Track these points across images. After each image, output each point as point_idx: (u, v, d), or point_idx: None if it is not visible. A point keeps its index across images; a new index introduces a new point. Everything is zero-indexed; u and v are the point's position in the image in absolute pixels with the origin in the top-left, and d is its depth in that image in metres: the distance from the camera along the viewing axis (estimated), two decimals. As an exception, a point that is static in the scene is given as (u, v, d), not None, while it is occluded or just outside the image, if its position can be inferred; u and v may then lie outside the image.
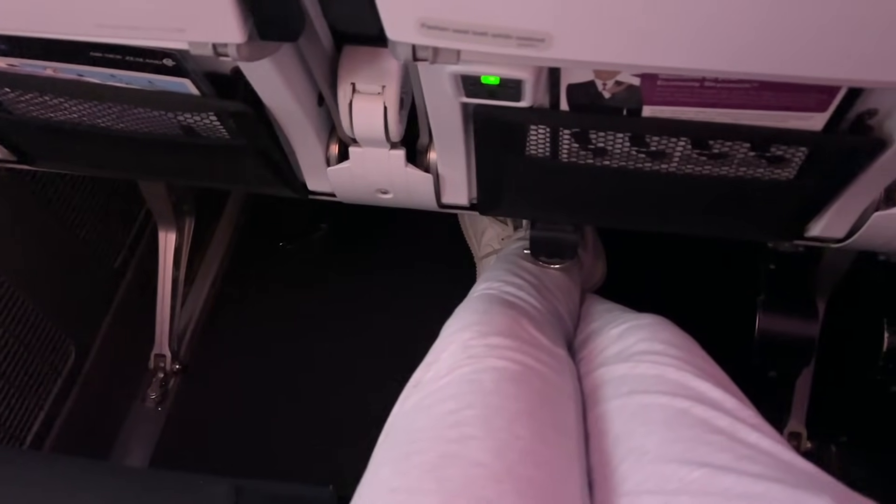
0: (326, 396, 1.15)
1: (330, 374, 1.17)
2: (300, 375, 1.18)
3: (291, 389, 1.17)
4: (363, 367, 1.14)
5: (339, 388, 1.15)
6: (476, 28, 0.40)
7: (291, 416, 1.15)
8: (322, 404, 1.14)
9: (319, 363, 1.19)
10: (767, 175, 0.60)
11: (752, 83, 0.49)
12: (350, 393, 1.12)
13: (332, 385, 1.16)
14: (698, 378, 0.56)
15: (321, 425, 1.11)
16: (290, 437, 1.12)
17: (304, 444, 1.10)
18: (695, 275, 1.23)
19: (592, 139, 0.59)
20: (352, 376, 1.15)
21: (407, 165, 0.67)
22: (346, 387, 1.14)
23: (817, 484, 0.45)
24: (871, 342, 0.90)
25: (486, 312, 0.63)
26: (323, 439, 1.09)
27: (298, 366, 1.19)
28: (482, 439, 0.48)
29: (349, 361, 1.17)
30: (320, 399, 1.15)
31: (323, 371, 1.18)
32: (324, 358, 1.19)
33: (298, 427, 1.13)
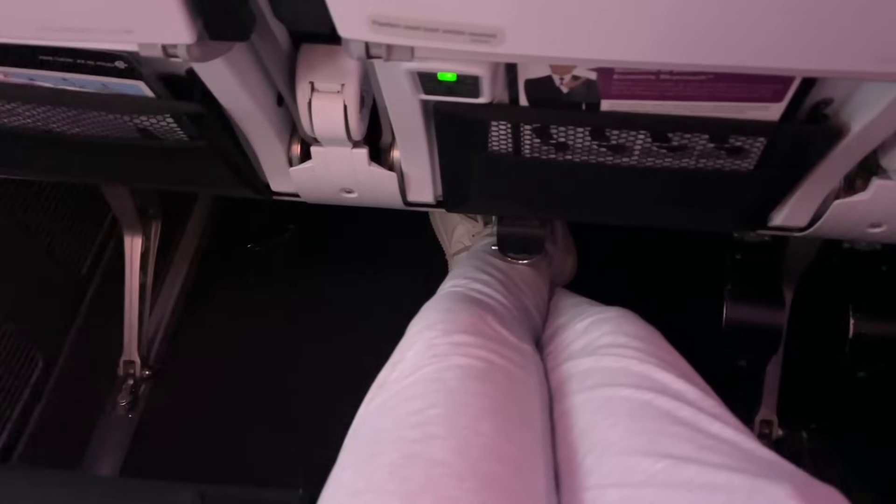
0: (299, 399, 1.14)
1: (301, 375, 1.17)
2: (271, 378, 1.17)
3: (263, 392, 1.16)
4: (335, 368, 1.14)
5: (311, 389, 1.14)
6: (427, 24, 0.40)
7: (264, 419, 1.14)
8: (294, 407, 1.13)
9: (291, 365, 1.18)
10: (728, 166, 0.60)
11: (707, 75, 0.49)
12: (323, 394, 1.11)
13: (304, 387, 1.15)
14: (661, 370, 0.56)
15: (294, 428, 1.10)
16: (262, 440, 1.11)
17: (277, 447, 1.10)
18: (665, 266, 1.23)
19: (553, 134, 0.59)
20: (324, 378, 1.14)
21: (370, 164, 0.66)
22: (319, 388, 1.13)
23: (778, 472, 0.46)
24: (838, 329, 0.91)
25: (450, 310, 0.63)
26: (296, 442, 1.08)
27: (269, 368, 1.18)
28: (445, 438, 0.48)
29: (321, 363, 1.16)
30: (293, 402, 1.14)
31: (294, 373, 1.17)
32: (295, 360, 1.18)
33: (271, 430, 1.12)
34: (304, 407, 1.12)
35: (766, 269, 0.92)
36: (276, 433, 1.11)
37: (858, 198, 0.63)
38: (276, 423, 1.13)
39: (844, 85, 0.52)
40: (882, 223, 0.66)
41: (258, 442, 1.12)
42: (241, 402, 1.16)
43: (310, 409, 1.10)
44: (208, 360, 1.21)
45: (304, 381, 1.16)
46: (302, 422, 1.10)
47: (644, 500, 0.46)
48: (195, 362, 1.21)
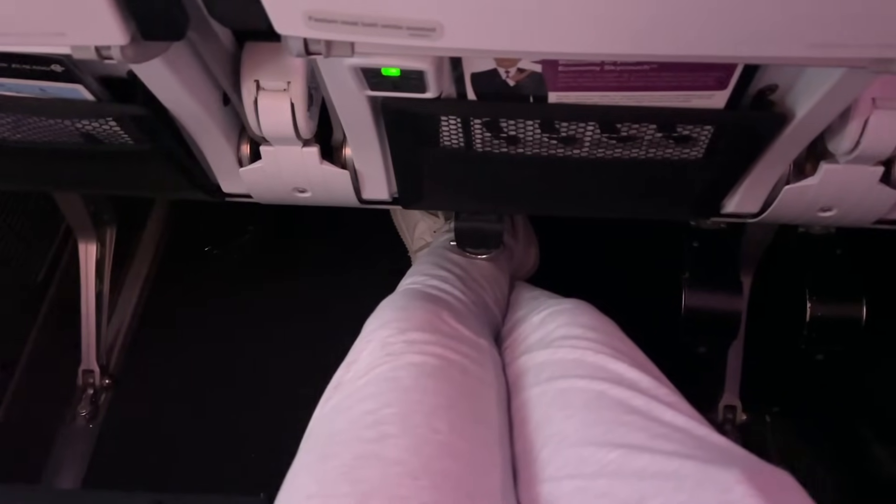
0: (262, 403, 1.12)
1: (265, 380, 1.15)
2: (234, 383, 1.16)
3: (226, 398, 1.14)
4: (300, 371, 1.12)
5: (274, 394, 1.12)
6: (365, 19, 0.40)
7: (227, 425, 1.12)
8: (258, 411, 1.12)
9: (254, 370, 1.17)
10: (677, 155, 0.60)
11: (650, 65, 0.49)
12: (286, 398, 1.10)
13: (268, 391, 1.14)
14: (615, 359, 0.56)
15: (257, 433, 1.09)
16: (225, 446, 1.10)
17: (240, 453, 1.08)
18: (629, 255, 1.24)
19: (504, 128, 0.59)
20: (288, 382, 1.12)
21: (322, 162, 0.65)
22: (283, 393, 1.11)
23: (729, 457, 0.46)
24: (796, 313, 0.92)
25: (405, 308, 0.62)
26: (258, 448, 1.07)
27: (232, 374, 1.17)
28: (399, 437, 0.47)
29: (285, 367, 1.15)
30: (256, 406, 1.13)
31: (258, 378, 1.16)
32: (258, 364, 1.17)
33: (233, 436, 1.10)
34: (267, 411, 1.10)
35: (723, 256, 0.93)
36: (239, 439, 1.10)
37: (807, 182, 0.64)
38: (239, 429, 1.11)
39: (788, 71, 0.53)
40: (832, 207, 0.67)
41: (221, 448, 1.10)
42: (204, 410, 1.14)
43: (273, 414, 1.09)
44: (169, 366, 1.19)
45: (268, 386, 1.14)
46: (265, 427, 1.09)
47: (597, 491, 0.46)
48: (156, 369, 1.19)
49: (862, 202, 0.66)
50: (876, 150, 0.58)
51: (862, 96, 0.55)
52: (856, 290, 0.90)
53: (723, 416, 1.12)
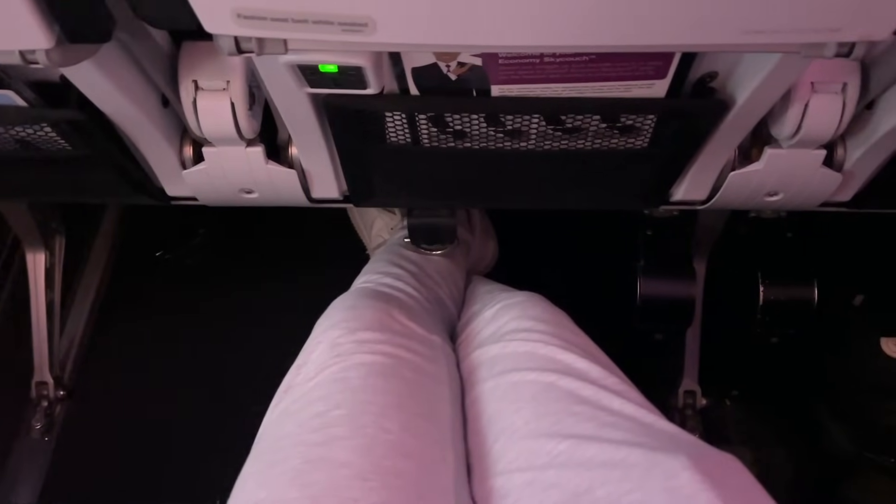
0: (219, 411, 1.11)
1: (221, 387, 1.13)
2: (191, 391, 1.14)
3: (183, 406, 1.13)
4: (256, 377, 1.11)
5: (231, 401, 1.10)
6: (295, 16, 0.39)
7: (186, 434, 1.10)
8: (215, 419, 1.10)
9: (211, 377, 1.15)
10: (623, 145, 0.61)
11: (588, 56, 0.49)
12: (243, 406, 1.08)
13: (224, 399, 1.12)
14: (565, 350, 0.56)
15: (214, 441, 1.07)
16: (184, 456, 1.08)
17: (197, 462, 1.06)
18: (588, 246, 1.24)
19: (449, 122, 0.58)
20: (244, 388, 1.10)
21: (268, 162, 0.64)
22: (239, 400, 1.09)
23: (676, 444, 0.46)
24: (750, 297, 0.93)
25: (354, 308, 0.62)
26: (216, 456, 1.05)
27: (189, 381, 1.15)
28: (348, 438, 0.47)
29: (240, 372, 1.13)
30: (212, 414, 1.11)
31: (213, 384, 1.14)
32: (216, 371, 1.15)
33: (190, 444, 1.09)
34: (224, 419, 1.09)
35: (676, 244, 0.94)
36: (199, 447, 1.08)
37: (753, 168, 0.65)
38: (198, 437, 1.09)
39: (727, 58, 0.53)
40: (778, 191, 0.68)
41: (177, 457, 1.08)
42: (162, 418, 1.12)
43: (231, 422, 1.07)
44: (126, 375, 1.16)
45: (224, 393, 1.12)
46: (223, 434, 1.07)
47: (547, 482, 0.46)
48: (112, 379, 1.16)
49: (807, 185, 0.67)
50: (817, 133, 0.59)
51: (801, 81, 0.56)
52: (807, 273, 0.91)
53: (683, 402, 1.13)
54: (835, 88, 0.56)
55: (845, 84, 0.56)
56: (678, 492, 0.41)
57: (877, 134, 0.61)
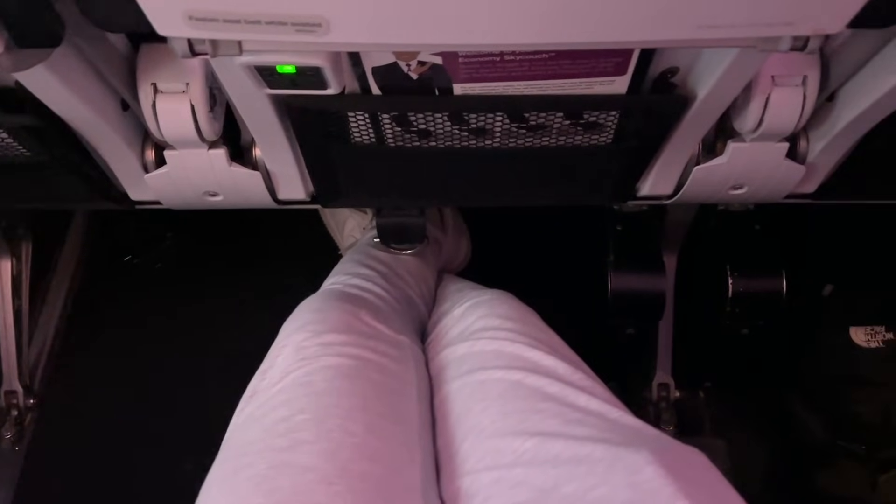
0: (192, 417, 1.09)
1: (195, 393, 1.12)
2: (164, 397, 1.13)
3: (156, 413, 1.11)
4: (230, 382, 1.10)
5: (205, 407, 1.09)
6: (248, 17, 0.38)
7: (157, 442, 1.09)
8: (187, 425, 1.09)
9: (184, 383, 1.14)
10: (587, 142, 0.61)
11: (548, 53, 0.49)
12: (219, 411, 1.07)
13: (197, 405, 1.10)
14: (532, 348, 0.56)
15: (187, 448, 1.06)
16: (157, 463, 1.07)
17: (170, 469, 1.05)
18: (562, 242, 1.25)
19: (413, 121, 0.58)
20: (217, 393, 1.10)
21: (231, 164, 0.64)
22: (212, 405, 1.09)
23: (640, 439, 0.47)
24: (719, 289, 0.94)
25: (320, 310, 0.61)
26: (189, 463, 1.05)
27: (161, 387, 1.14)
28: (314, 443, 0.47)
29: (214, 377, 1.12)
30: (185, 420, 1.10)
31: (185, 390, 1.13)
32: (187, 376, 1.14)
33: (163, 451, 1.08)
34: (197, 425, 1.08)
35: (645, 238, 0.94)
36: (169, 454, 1.07)
37: (717, 162, 0.65)
38: (168, 444, 1.08)
39: (686, 53, 0.53)
40: (742, 184, 0.68)
41: (150, 464, 1.07)
42: (134, 425, 1.11)
43: (204, 428, 1.06)
44: (96, 383, 1.15)
45: (197, 398, 1.11)
46: (195, 441, 1.06)
47: (514, 480, 0.46)
48: (83, 387, 1.15)
49: (771, 178, 0.67)
50: (779, 126, 0.59)
51: (762, 74, 0.56)
52: (775, 264, 0.92)
53: (657, 394, 1.14)
54: (795, 81, 0.57)
55: (805, 77, 0.57)
56: (642, 486, 0.41)
57: (838, 125, 0.62)
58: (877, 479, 1.09)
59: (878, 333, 1.07)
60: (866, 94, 0.57)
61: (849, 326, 1.06)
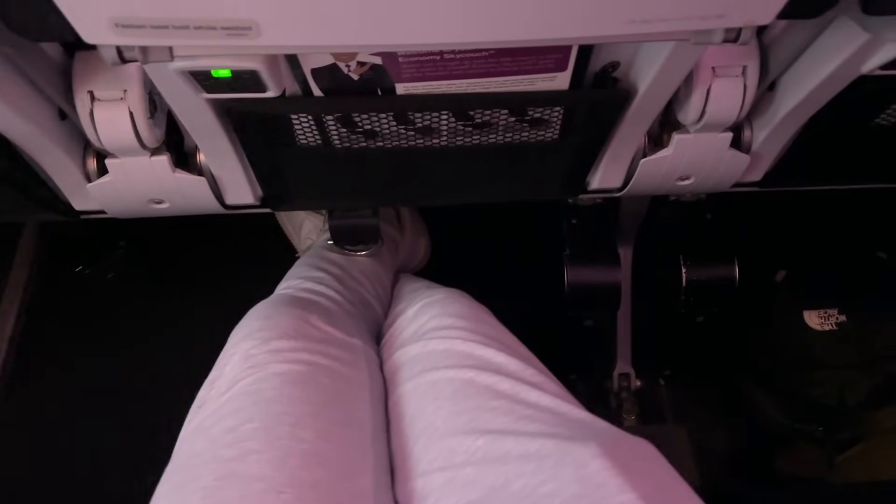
0: (148, 427, 1.07)
1: (152, 401, 1.10)
2: (120, 407, 1.11)
3: (115, 423, 1.09)
4: (186, 389, 1.09)
5: (163, 415, 1.08)
6: (175, 22, 0.38)
7: (112, 456, 1.07)
8: (142, 439, 1.07)
9: (140, 391, 1.12)
10: (534, 138, 0.61)
11: (488, 51, 0.49)
12: (176, 419, 1.06)
13: (157, 413, 1.08)
14: (484, 346, 0.56)
15: (144, 456, 1.04)
16: (115, 471, 1.05)
17: (131, 477, 1.03)
18: (522, 237, 1.25)
19: (358, 122, 0.58)
20: (175, 400, 1.08)
21: (175, 171, 0.63)
22: (171, 414, 1.07)
23: (589, 432, 0.47)
24: (674, 279, 0.95)
25: (269, 316, 0.61)
26: (147, 472, 1.03)
27: (118, 396, 1.12)
28: (262, 451, 0.46)
29: (170, 385, 1.10)
30: (140, 434, 1.08)
31: (144, 399, 1.11)
32: (144, 385, 1.12)
33: (120, 461, 1.06)
34: (159, 435, 1.06)
35: (600, 231, 0.95)
36: (125, 468, 1.05)
37: (662, 154, 0.66)
38: (126, 452, 1.06)
39: (626, 48, 0.54)
40: (689, 175, 0.69)
41: (104, 480, 1.05)
42: (93, 437, 1.09)
43: (158, 441, 1.05)
44: (52, 399, 1.13)
45: (154, 407, 1.09)
46: (153, 450, 1.04)
47: (465, 480, 0.46)
48: (38, 403, 1.12)
49: (716, 168, 0.68)
50: (721, 116, 0.60)
51: (702, 66, 0.57)
52: (727, 252, 0.93)
53: (618, 384, 1.15)
54: (735, 72, 0.57)
55: (745, 67, 0.57)
56: (589, 480, 0.42)
57: (780, 114, 0.63)
58: (834, 459, 1.11)
59: (831, 316, 1.09)
60: (805, 82, 0.58)
61: (802, 310, 1.07)
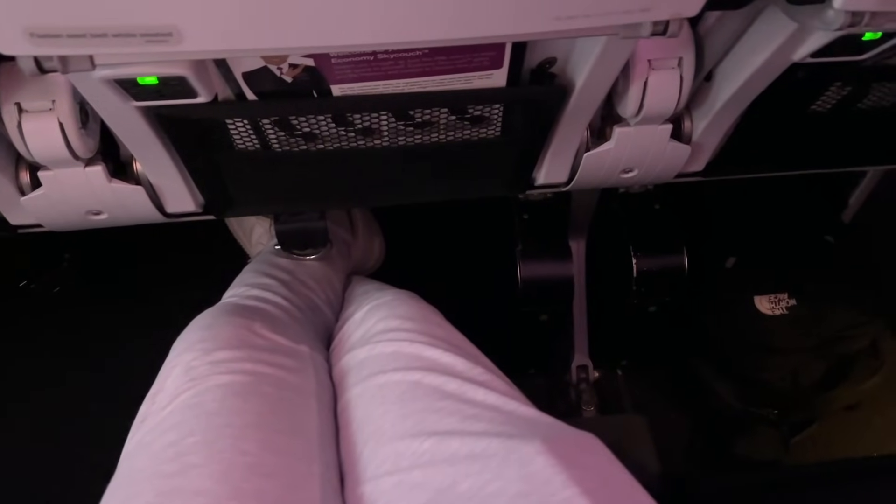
0: (97, 446, 1.05)
1: (101, 417, 1.08)
2: (66, 424, 1.08)
3: (61, 439, 1.07)
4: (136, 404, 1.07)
5: (111, 430, 1.06)
6: (93, 30, 0.37)
7: (58, 474, 1.04)
8: (92, 456, 1.04)
9: (88, 407, 1.09)
10: (476, 136, 0.61)
11: (421, 50, 0.49)
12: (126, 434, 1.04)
13: (105, 428, 1.06)
14: (431, 346, 0.56)
15: (95, 479, 1.02)
16: (65, 487, 1.03)
17: (84, 498, 1.01)
18: (481, 236, 1.25)
19: (296, 125, 0.57)
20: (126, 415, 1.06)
21: (111, 181, 0.61)
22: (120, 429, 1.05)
23: (533, 429, 0.47)
24: (625, 270, 0.95)
25: (210, 327, 0.59)
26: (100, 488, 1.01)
27: (64, 413, 1.09)
28: (204, 465, 0.45)
29: (120, 400, 1.08)
30: (90, 451, 1.05)
31: (93, 415, 1.08)
32: (93, 401, 1.09)
33: (71, 480, 1.03)
34: (101, 455, 1.04)
35: (551, 226, 0.96)
36: (71, 482, 1.03)
37: (605, 147, 0.66)
38: (71, 476, 1.04)
39: (562, 44, 0.54)
40: (633, 167, 0.70)
41: (57, 489, 1.03)
42: (38, 452, 1.06)
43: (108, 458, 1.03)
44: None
45: (102, 422, 1.07)
46: (101, 472, 1.02)
47: (412, 483, 0.46)
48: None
49: (658, 159, 0.68)
50: (659, 109, 0.60)
51: (638, 59, 0.57)
52: (676, 241, 0.94)
53: (577, 377, 1.16)
54: (671, 64, 0.58)
55: (681, 59, 0.58)
56: (534, 477, 0.42)
57: (717, 104, 0.64)
58: (789, 441, 1.13)
59: (781, 300, 1.11)
60: (740, 71, 0.59)
61: (753, 296, 1.09)
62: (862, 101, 0.66)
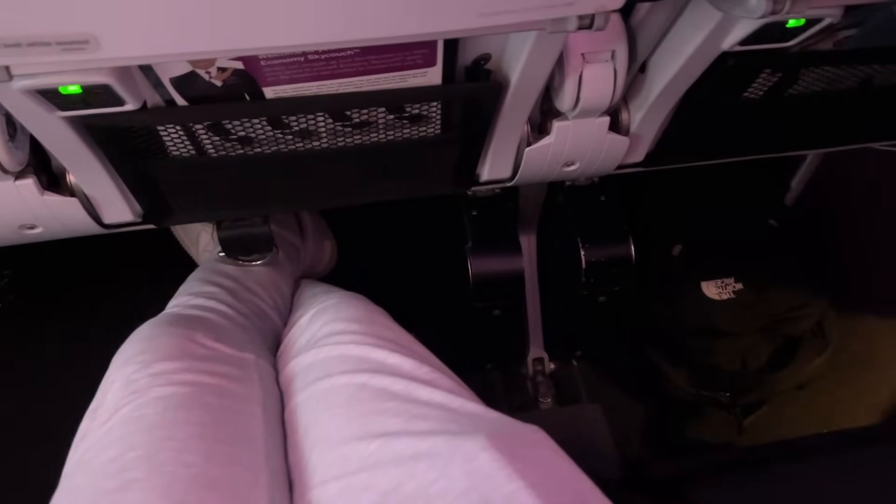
0: (37, 470, 1.02)
1: (45, 436, 1.04)
2: (11, 443, 1.05)
3: (12, 459, 1.04)
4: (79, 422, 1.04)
5: (53, 450, 1.03)
6: (5, 40, 0.36)
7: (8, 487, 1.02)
8: (34, 478, 1.02)
9: (32, 426, 1.06)
10: (416, 134, 0.61)
11: (352, 50, 0.48)
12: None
13: (47, 449, 1.03)
14: (378, 348, 0.56)
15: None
16: None
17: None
18: (432, 234, 1.25)
19: (231, 129, 0.56)
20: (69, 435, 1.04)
21: (44, 194, 0.60)
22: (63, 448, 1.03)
23: (479, 425, 0.47)
24: (575, 262, 0.96)
25: (150, 338, 0.58)
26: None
27: (8, 431, 1.06)
28: (146, 480, 0.44)
29: (64, 419, 1.06)
30: (32, 474, 1.02)
31: (37, 434, 1.05)
32: (36, 420, 1.06)
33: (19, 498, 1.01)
34: (43, 477, 1.01)
35: (500, 221, 0.96)
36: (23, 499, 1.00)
37: (545, 142, 0.67)
38: (23, 490, 1.01)
39: (495, 40, 0.54)
40: (574, 161, 0.70)
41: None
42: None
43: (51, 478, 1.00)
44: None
45: (45, 442, 1.04)
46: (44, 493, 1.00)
47: (359, 486, 0.46)
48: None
49: (598, 152, 0.69)
50: (595, 101, 0.61)
51: (572, 53, 0.57)
52: (622, 231, 0.95)
53: (533, 369, 1.17)
54: (604, 57, 0.58)
55: (614, 51, 0.58)
56: (478, 473, 0.42)
57: (652, 95, 0.64)
58: (741, 422, 1.15)
59: (728, 285, 1.13)
60: (672, 62, 0.60)
61: (700, 282, 1.11)
62: (793, 87, 0.67)
